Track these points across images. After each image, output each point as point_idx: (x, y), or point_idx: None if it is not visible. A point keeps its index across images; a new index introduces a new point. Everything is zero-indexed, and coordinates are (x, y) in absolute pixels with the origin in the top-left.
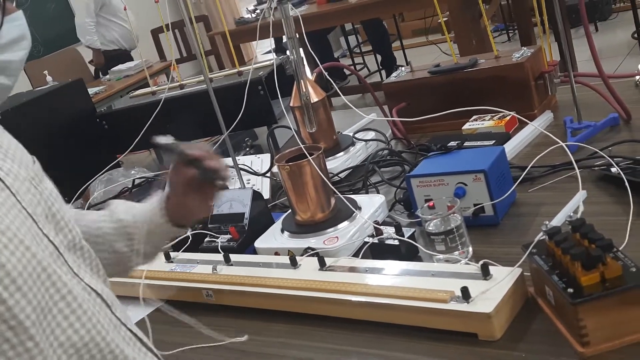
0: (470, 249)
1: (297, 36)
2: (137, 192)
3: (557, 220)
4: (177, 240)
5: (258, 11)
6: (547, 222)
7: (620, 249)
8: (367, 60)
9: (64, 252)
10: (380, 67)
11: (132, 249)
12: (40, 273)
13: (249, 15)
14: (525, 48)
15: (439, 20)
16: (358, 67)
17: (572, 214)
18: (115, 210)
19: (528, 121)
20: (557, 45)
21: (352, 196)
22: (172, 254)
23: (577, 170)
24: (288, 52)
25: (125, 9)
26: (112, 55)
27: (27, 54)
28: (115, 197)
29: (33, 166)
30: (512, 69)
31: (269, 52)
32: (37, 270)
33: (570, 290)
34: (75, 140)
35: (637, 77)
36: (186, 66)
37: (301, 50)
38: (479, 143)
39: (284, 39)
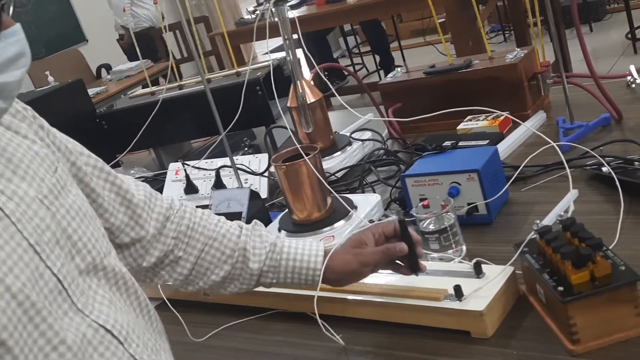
0: (464, 247)
1: (295, 37)
2: None
3: (548, 220)
4: None
5: (258, 12)
6: (538, 222)
7: (610, 247)
8: (366, 61)
9: (71, 284)
10: (379, 67)
11: (261, 275)
12: (27, 323)
13: (249, 16)
14: (518, 49)
15: (436, 22)
16: (357, 67)
17: (562, 213)
18: (262, 232)
19: (521, 122)
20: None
21: (349, 195)
22: None
23: (568, 170)
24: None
25: None
26: (141, 35)
27: (26, 70)
28: None
29: (52, 177)
30: (505, 70)
31: (271, 51)
32: (23, 321)
33: (561, 288)
34: (75, 139)
35: (629, 78)
36: (188, 66)
37: (299, 50)
38: (473, 143)
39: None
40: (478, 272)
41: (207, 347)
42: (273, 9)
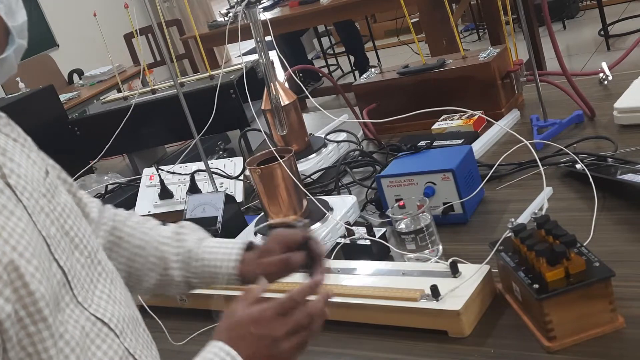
0: (440, 247)
1: (268, 39)
2: (110, 197)
3: (523, 218)
4: None
5: (230, 14)
6: (512, 220)
7: (585, 243)
8: (341, 61)
9: (74, 278)
10: (354, 68)
11: (187, 282)
12: (34, 314)
13: (221, 19)
14: (491, 48)
15: (410, 21)
16: (332, 68)
17: (537, 211)
18: (185, 237)
19: (494, 121)
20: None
21: (324, 197)
22: None
23: (542, 168)
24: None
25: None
26: None
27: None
28: None
29: (45, 180)
30: (478, 69)
31: (246, 53)
32: (31, 310)
33: (536, 286)
34: (47, 147)
35: (601, 75)
36: (161, 70)
37: (273, 52)
38: (447, 142)
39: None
40: (454, 271)
41: (185, 353)
42: (245, 12)
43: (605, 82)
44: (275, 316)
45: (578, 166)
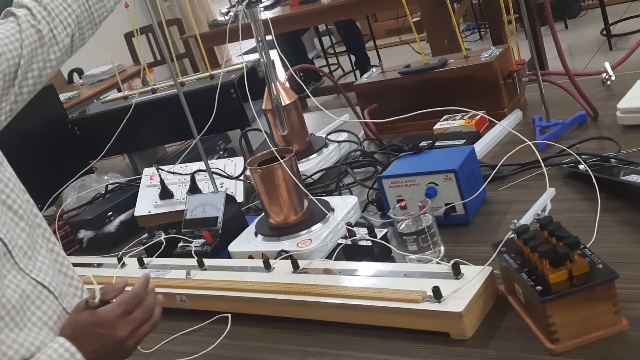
0: (442, 248)
1: (269, 38)
2: (110, 197)
3: (526, 219)
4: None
5: (231, 14)
6: (515, 221)
7: (588, 245)
8: (342, 61)
9: (15, 247)
10: (355, 67)
11: None
12: None
13: (222, 18)
14: (493, 47)
15: (412, 21)
16: (333, 67)
17: (540, 212)
18: None
19: (496, 121)
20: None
21: (325, 198)
22: (146, 260)
23: (544, 169)
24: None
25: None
26: None
27: None
28: (88, 203)
29: None
30: (480, 69)
31: (247, 52)
32: None
33: (539, 287)
34: (47, 146)
35: (604, 75)
36: (161, 69)
37: (274, 52)
38: (449, 142)
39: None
40: (456, 273)
41: (188, 354)
42: (246, 11)
43: (608, 82)
44: (121, 316)
45: (581, 167)
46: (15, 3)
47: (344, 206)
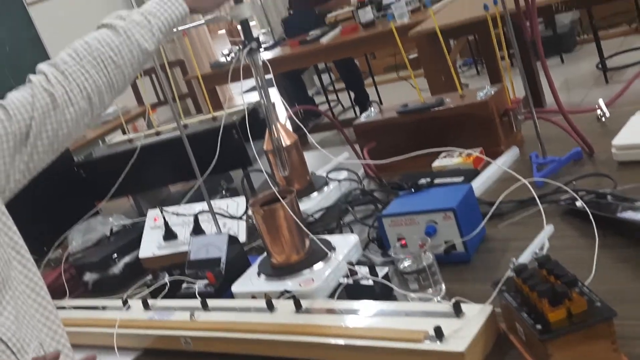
0: (443, 286)
1: (269, 77)
2: (115, 239)
3: (525, 257)
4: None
5: (232, 55)
6: (514, 260)
7: (587, 282)
8: (341, 97)
9: None
10: (354, 104)
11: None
12: None
13: (223, 59)
14: (488, 86)
15: (409, 57)
16: (332, 103)
17: (538, 251)
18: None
19: (492, 160)
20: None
21: (327, 236)
22: (150, 302)
23: (541, 207)
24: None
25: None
26: None
27: None
28: (94, 245)
29: None
30: (477, 108)
31: (248, 91)
32: None
33: (539, 326)
34: (53, 189)
35: (599, 111)
36: (165, 109)
37: (274, 89)
38: (448, 180)
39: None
40: (457, 311)
41: None
42: (247, 57)
43: (603, 119)
44: None
45: (578, 204)
46: (37, 69)
47: (345, 245)
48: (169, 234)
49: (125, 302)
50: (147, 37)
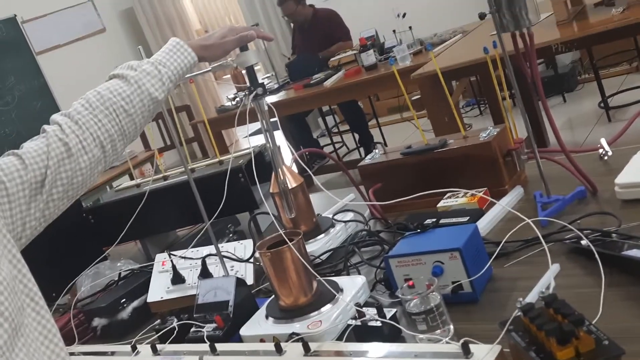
0: (452, 327)
1: (274, 120)
2: (123, 284)
3: (531, 297)
4: (163, 331)
5: (238, 99)
6: (521, 299)
7: (594, 321)
8: (346, 139)
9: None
10: (359, 145)
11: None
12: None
13: (229, 103)
14: (491, 127)
15: (412, 99)
16: (337, 145)
17: (544, 290)
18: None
19: (495, 201)
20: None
21: (334, 278)
22: (159, 346)
23: (546, 246)
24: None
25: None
26: None
27: None
28: (102, 291)
29: None
30: (480, 148)
31: (253, 134)
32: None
33: None
34: (62, 235)
35: (601, 150)
36: (171, 153)
37: (279, 132)
38: (453, 220)
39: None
40: (466, 352)
41: None
42: (251, 97)
43: (606, 158)
44: None
45: (583, 242)
46: (51, 120)
47: (352, 286)
48: (177, 278)
49: (134, 348)
50: (158, 87)
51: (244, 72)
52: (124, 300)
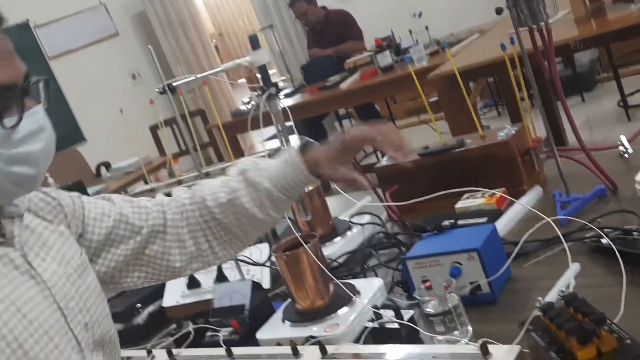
0: (470, 327)
1: (289, 124)
2: (139, 289)
3: (551, 296)
4: (179, 336)
5: (252, 102)
6: (540, 299)
7: (616, 320)
8: None
9: (85, 349)
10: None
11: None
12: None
13: (244, 107)
14: (508, 126)
15: (430, 100)
16: None
17: (564, 289)
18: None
19: (515, 200)
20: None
21: (351, 281)
22: (175, 351)
23: (566, 245)
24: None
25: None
26: None
27: (51, 143)
28: (117, 296)
29: (78, 259)
30: (498, 148)
31: (269, 139)
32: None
33: None
34: None
35: (621, 148)
36: (186, 159)
37: (295, 136)
38: (472, 221)
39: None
40: (485, 353)
41: None
42: (266, 103)
43: (626, 155)
44: None
45: (604, 241)
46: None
47: (369, 289)
48: (193, 282)
49: (149, 352)
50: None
51: (259, 76)
52: (139, 305)
